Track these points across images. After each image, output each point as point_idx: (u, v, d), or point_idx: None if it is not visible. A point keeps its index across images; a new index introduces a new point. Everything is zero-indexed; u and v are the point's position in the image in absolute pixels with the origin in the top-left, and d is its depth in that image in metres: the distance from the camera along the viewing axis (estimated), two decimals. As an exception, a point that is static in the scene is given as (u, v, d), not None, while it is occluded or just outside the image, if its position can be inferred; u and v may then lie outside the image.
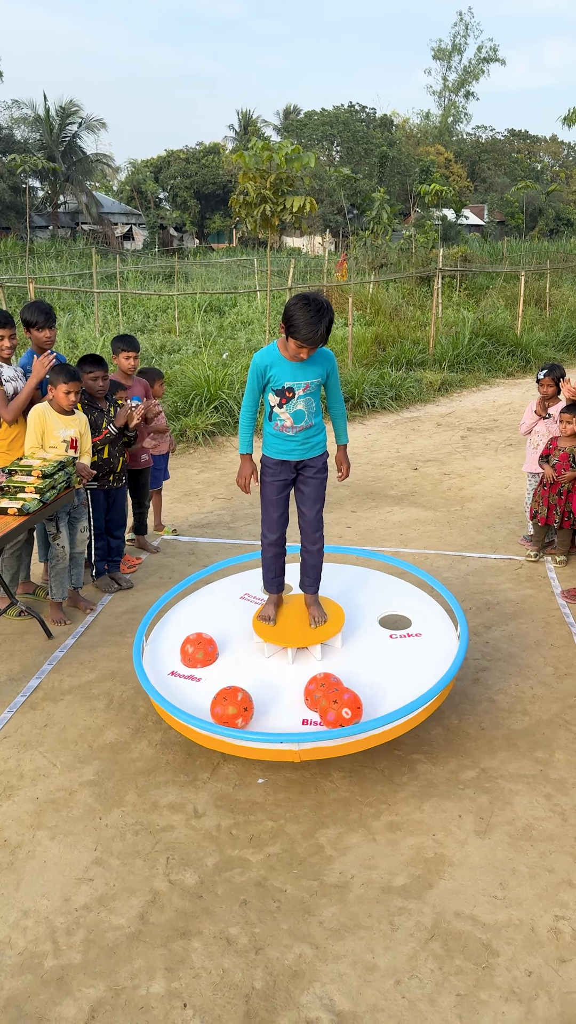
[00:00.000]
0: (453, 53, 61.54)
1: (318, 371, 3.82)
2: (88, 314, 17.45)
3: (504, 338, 16.00)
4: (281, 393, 3.78)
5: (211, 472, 8.75)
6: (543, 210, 51.02)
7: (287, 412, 3.82)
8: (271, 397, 3.81)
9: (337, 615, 4.13)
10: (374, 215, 27.52)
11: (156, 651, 4.13)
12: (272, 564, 4.13)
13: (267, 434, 3.95)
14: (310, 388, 3.81)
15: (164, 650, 4.13)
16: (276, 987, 2.62)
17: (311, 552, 4.10)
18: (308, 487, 4.01)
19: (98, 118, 45.49)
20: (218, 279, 27.22)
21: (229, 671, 3.91)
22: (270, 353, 3.77)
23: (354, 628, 4.21)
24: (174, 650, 4.09)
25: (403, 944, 2.79)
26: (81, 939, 2.81)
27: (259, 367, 3.76)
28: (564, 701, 4.30)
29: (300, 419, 3.85)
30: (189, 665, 3.95)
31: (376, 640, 4.12)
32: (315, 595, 4.15)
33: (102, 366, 5.31)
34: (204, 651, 3.97)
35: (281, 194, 12.30)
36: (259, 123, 60.28)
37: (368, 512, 7.42)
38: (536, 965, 2.71)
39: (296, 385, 3.77)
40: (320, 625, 4.02)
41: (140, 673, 3.87)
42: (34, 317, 5.10)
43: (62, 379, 4.82)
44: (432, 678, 3.71)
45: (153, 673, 3.92)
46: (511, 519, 7.19)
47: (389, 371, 13.16)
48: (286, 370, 3.75)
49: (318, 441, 3.98)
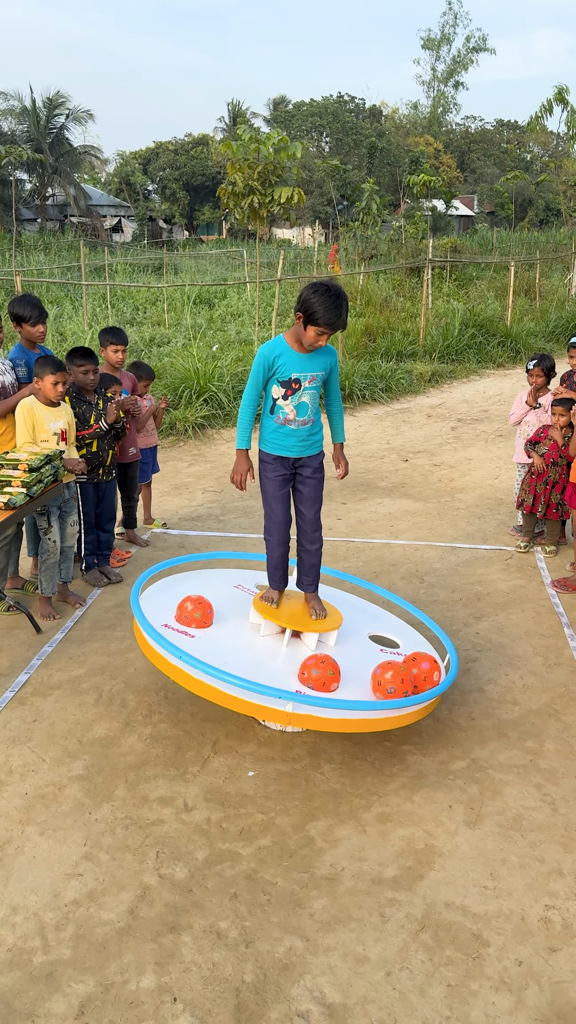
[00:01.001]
0: (442, 43, 61.36)
1: (324, 363, 3.85)
2: (77, 307, 17.35)
3: (494, 329, 15.99)
4: (287, 384, 3.78)
5: (201, 465, 8.72)
6: (533, 200, 50.93)
7: (291, 404, 3.82)
8: (275, 389, 3.81)
9: (336, 615, 4.14)
10: (364, 206, 27.40)
11: (151, 604, 4.12)
12: (280, 563, 4.12)
13: (266, 429, 3.93)
14: (315, 381, 3.83)
15: (158, 606, 4.12)
16: (266, 980, 2.62)
17: (310, 552, 4.09)
18: (307, 487, 4.01)
19: (85, 109, 45.08)
20: (208, 271, 27.11)
21: (224, 637, 3.91)
22: (278, 345, 3.78)
23: (345, 637, 4.20)
24: (170, 608, 4.09)
25: (393, 936, 2.79)
26: (71, 935, 2.80)
27: (267, 358, 3.76)
28: (554, 691, 4.31)
29: (303, 412, 3.85)
30: (184, 623, 3.96)
31: (366, 650, 4.12)
32: (315, 593, 4.16)
33: (92, 359, 5.27)
34: (203, 612, 3.98)
35: (269, 185, 12.23)
36: (248, 114, 59.98)
37: (358, 504, 7.41)
38: (526, 955, 2.72)
39: (303, 376, 3.78)
40: (320, 618, 4.02)
41: (139, 617, 3.85)
42: (26, 312, 5.05)
43: (49, 370, 4.78)
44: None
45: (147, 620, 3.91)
46: (501, 510, 7.19)
47: (379, 362, 13.13)
48: (293, 361, 3.76)
49: (317, 439, 3.99)
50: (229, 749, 3.78)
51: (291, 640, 4.02)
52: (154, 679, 4.34)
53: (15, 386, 5.06)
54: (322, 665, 3.57)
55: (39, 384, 4.83)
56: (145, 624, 3.79)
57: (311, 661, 3.61)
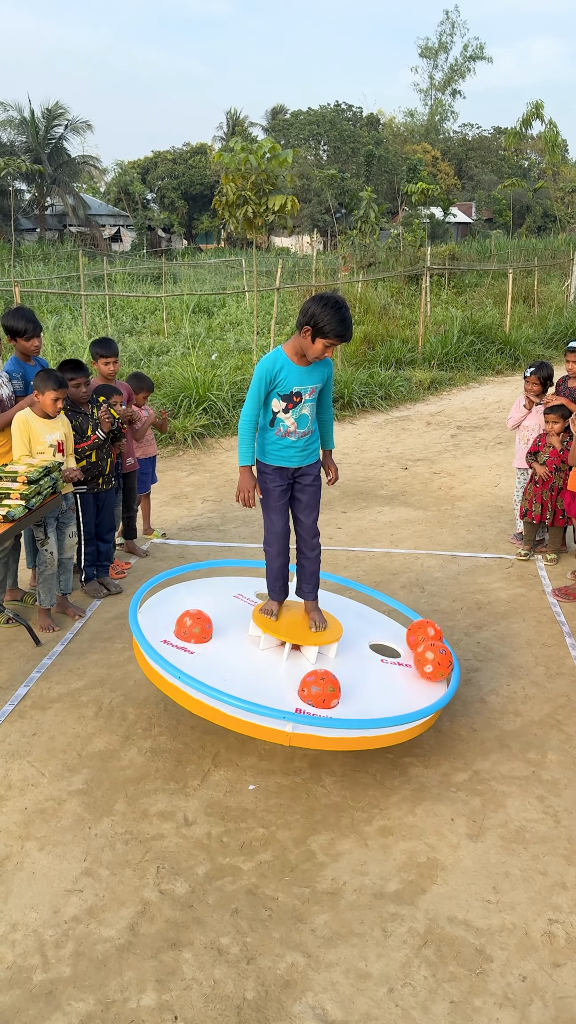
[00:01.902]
0: (440, 51, 61.64)
1: (322, 375, 3.86)
2: (76, 317, 17.38)
3: (493, 336, 16.00)
4: (288, 398, 3.78)
5: (200, 474, 8.71)
6: (530, 207, 51.13)
7: (292, 417, 3.82)
8: (276, 403, 3.81)
9: (336, 626, 4.11)
10: (362, 214, 27.50)
11: (149, 621, 4.10)
12: (280, 573, 4.11)
13: (266, 442, 3.92)
14: (315, 393, 3.85)
15: (157, 621, 4.10)
16: (268, 997, 2.60)
17: (310, 559, 4.09)
18: (305, 495, 4.01)
19: (84, 120, 45.32)
20: (206, 280, 27.17)
21: (223, 653, 3.89)
22: (278, 359, 3.76)
23: (345, 647, 4.17)
24: (168, 622, 4.07)
25: (396, 951, 2.76)
26: (71, 952, 2.78)
27: (269, 372, 3.74)
28: (556, 701, 4.29)
29: (304, 424, 3.86)
30: (183, 638, 3.93)
31: (367, 661, 4.10)
32: (315, 601, 4.14)
33: (83, 372, 5.26)
34: (202, 627, 3.95)
35: (263, 194, 12.24)
36: (246, 124, 60.23)
37: (358, 512, 7.40)
38: (530, 970, 2.69)
39: (303, 389, 3.78)
40: (320, 630, 4.01)
41: (137, 634, 3.83)
42: (21, 325, 5.05)
43: (51, 385, 4.78)
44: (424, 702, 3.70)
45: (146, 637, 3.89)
46: (502, 518, 7.18)
47: (378, 370, 13.14)
48: (294, 374, 3.76)
49: (315, 448, 4.01)
50: (229, 762, 3.76)
51: (291, 653, 4.00)
52: (154, 691, 4.32)
53: (12, 399, 5.05)
54: (322, 682, 3.54)
55: (39, 398, 4.83)
56: (143, 642, 3.76)
57: (311, 678, 3.58)
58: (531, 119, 26.14)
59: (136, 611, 4.08)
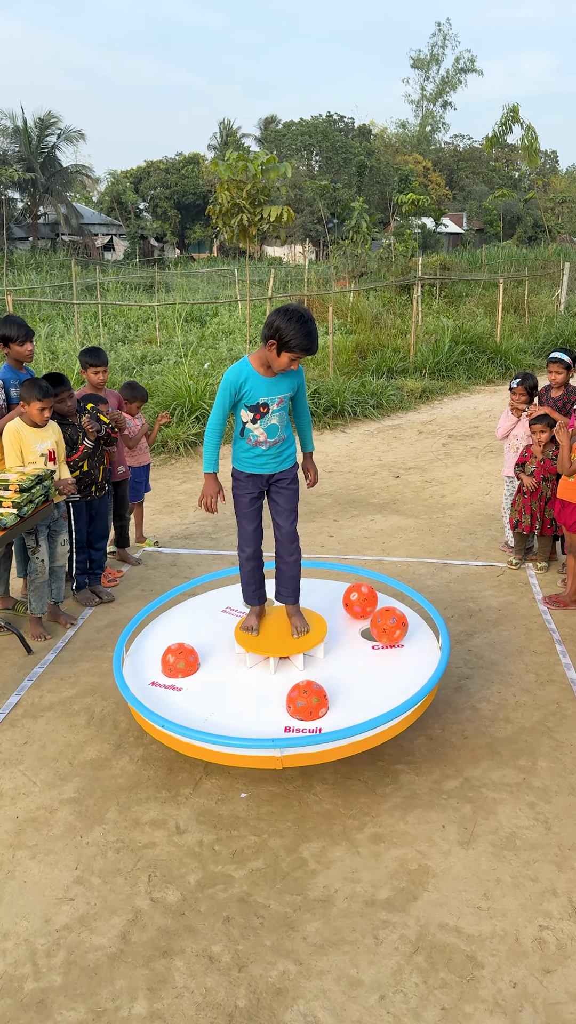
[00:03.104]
0: (431, 63, 62.13)
1: (291, 384, 3.84)
2: (68, 325, 17.40)
3: (484, 345, 16.09)
4: (255, 409, 3.77)
5: (193, 483, 8.72)
6: (521, 218, 51.45)
7: (261, 427, 3.82)
8: (244, 413, 3.80)
9: (319, 626, 4.12)
10: (353, 224, 27.67)
11: (136, 662, 4.11)
12: (252, 577, 4.12)
13: (238, 450, 3.94)
14: (283, 402, 3.83)
15: (144, 661, 4.10)
16: (260, 1005, 2.60)
17: (288, 563, 4.09)
18: (282, 498, 4.02)
19: (77, 129, 45.41)
20: (199, 289, 27.23)
21: (211, 681, 3.88)
22: (243, 369, 3.74)
23: (336, 639, 4.20)
24: (155, 661, 4.07)
25: (387, 958, 2.77)
26: (62, 960, 2.77)
27: (234, 383, 3.73)
28: (546, 708, 4.31)
29: (274, 433, 3.86)
30: (170, 675, 3.92)
31: (358, 651, 4.11)
32: (296, 605, 4.14)
33: (65, 385, 5.27)
34: (185, 661, 3.94)
35: (258, 204, 12.31)
36: (239, 134, 60.50)
37: (350, 520, 7.42)
38: (521, 976, 2.70)
39: (271, 400, 3.78)
40: (303, 635, 4.01)
41: (121, 684, 3.84)
42: (13, 331, 5.07)
43: (36, 396, 4.79)
44: (415, 687, 3.71)
45: (133, 684, 3.88)
46: (492, 526, 7.21)
47: (370, 379, 13.19)
48: (260, 386, 3.75)
49: (289, 454, 4.00)
50: (221, 770, 3.76)
51: (280, 663, 3.99)
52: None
53: (4, 407, 5.06)
54: (305, 695, 3.53)
55: (24, 408, 4.84)
56: (127, 693, 3.75)
57: (295, 692, 3.57)
58: (508, 123, 26.27)
59: (120, 659, 4.07)
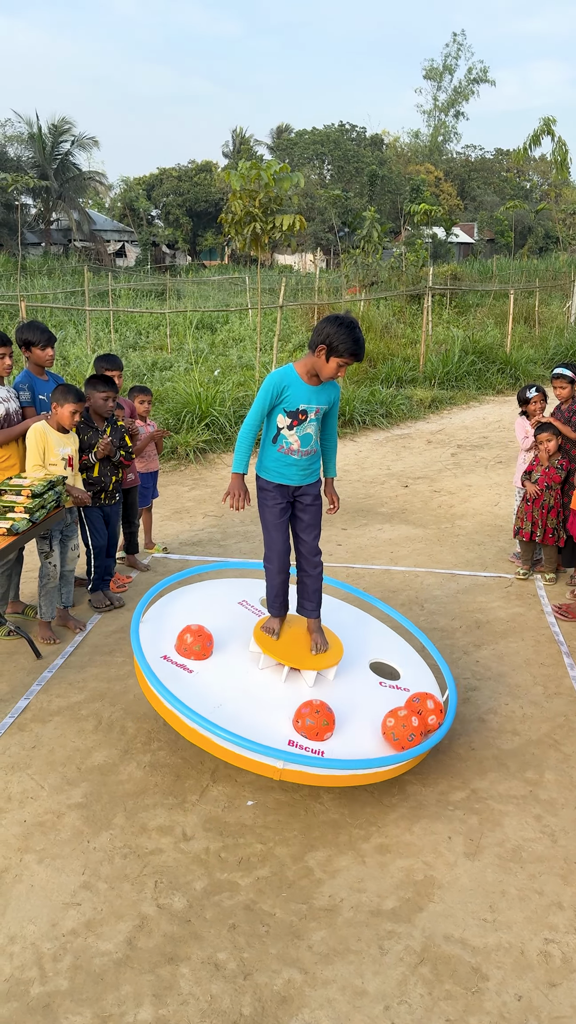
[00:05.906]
0: (444, 73, 62.31)
1: (330, 397, 3.90)
2: (80, 331, 17.50)
3: (494, 356, 16.11)
4: (294, 415, 3.82)
5: (202, 489, 8.75)
6: (532, 228, 51.49)
7: (296, 435, 3.85)
8: (281, 419, 3.84)
9: (337, 647, 4.11)
10: (365, 233, 27.76)
11: (152, 631, 4.11)
12: (281, 590, 4.12)
13: (267, 458, 3.95)
14: (320, 413, 3.88)
15: (161, 632, 4.11)
16: (264, 1013, 2.60)
17: (312, 576, 4.10)
18: (307, 514, 4.04)
19: (91, 136, 45.77)
20: (210, 296, 27.36)
21: (222, 672, 3.89)
22: (287, 374, 3.80)
23: (345, 667, 4.17)
24: (171, 635, 4.07)
25: (392, 968, 2.77)
26: (68, 965, 2.79)
27: (276, 386, 3.78)
28: (554, 721, 4.30)
29: (307, 443, 3.89)
30: (184, 655, 3.94)
31: (366, 683, 4.10)
32: (318, 620, 4.15)
33: (114, 386, 5.32)
34: (202, 644, 3.95)
35: (270, 213, 12.40)
36: (251, 142, 60.80)
37: (359, 529, 7.44)
38: (526, 989, 2.70)
39: (310, 408, 3.82)
40: (321, 653, 4.02)
41: (138, 652, 3.83)
42: (35, 337, 5.12)
43: (71, 399, 4.84)
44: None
45: (149, 653, 3.88)
46: (501, 537, 7.21)
47: (380, 388, 13.22)
48: (302, 392, 3.80)
49: (316, 469, 4.04)
50: (228, 778, 3.77)
51: (290, 674, 3.99)
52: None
53: (19, 414, 5.10)
54: (316, 715, 3.53)
55: (57, 410, 4.89)
56: (143, 661, 3.77)
57: (306, 709, 3.57)
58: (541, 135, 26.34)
59: (138, 624, 4.09)
